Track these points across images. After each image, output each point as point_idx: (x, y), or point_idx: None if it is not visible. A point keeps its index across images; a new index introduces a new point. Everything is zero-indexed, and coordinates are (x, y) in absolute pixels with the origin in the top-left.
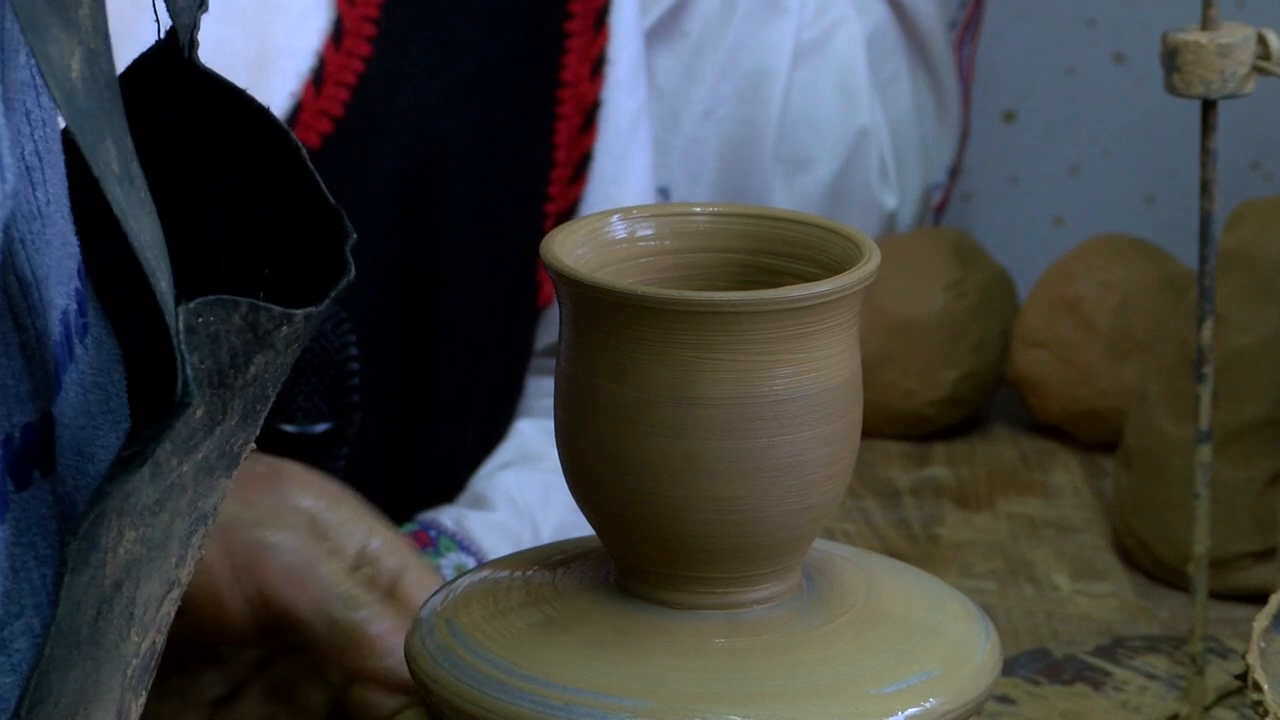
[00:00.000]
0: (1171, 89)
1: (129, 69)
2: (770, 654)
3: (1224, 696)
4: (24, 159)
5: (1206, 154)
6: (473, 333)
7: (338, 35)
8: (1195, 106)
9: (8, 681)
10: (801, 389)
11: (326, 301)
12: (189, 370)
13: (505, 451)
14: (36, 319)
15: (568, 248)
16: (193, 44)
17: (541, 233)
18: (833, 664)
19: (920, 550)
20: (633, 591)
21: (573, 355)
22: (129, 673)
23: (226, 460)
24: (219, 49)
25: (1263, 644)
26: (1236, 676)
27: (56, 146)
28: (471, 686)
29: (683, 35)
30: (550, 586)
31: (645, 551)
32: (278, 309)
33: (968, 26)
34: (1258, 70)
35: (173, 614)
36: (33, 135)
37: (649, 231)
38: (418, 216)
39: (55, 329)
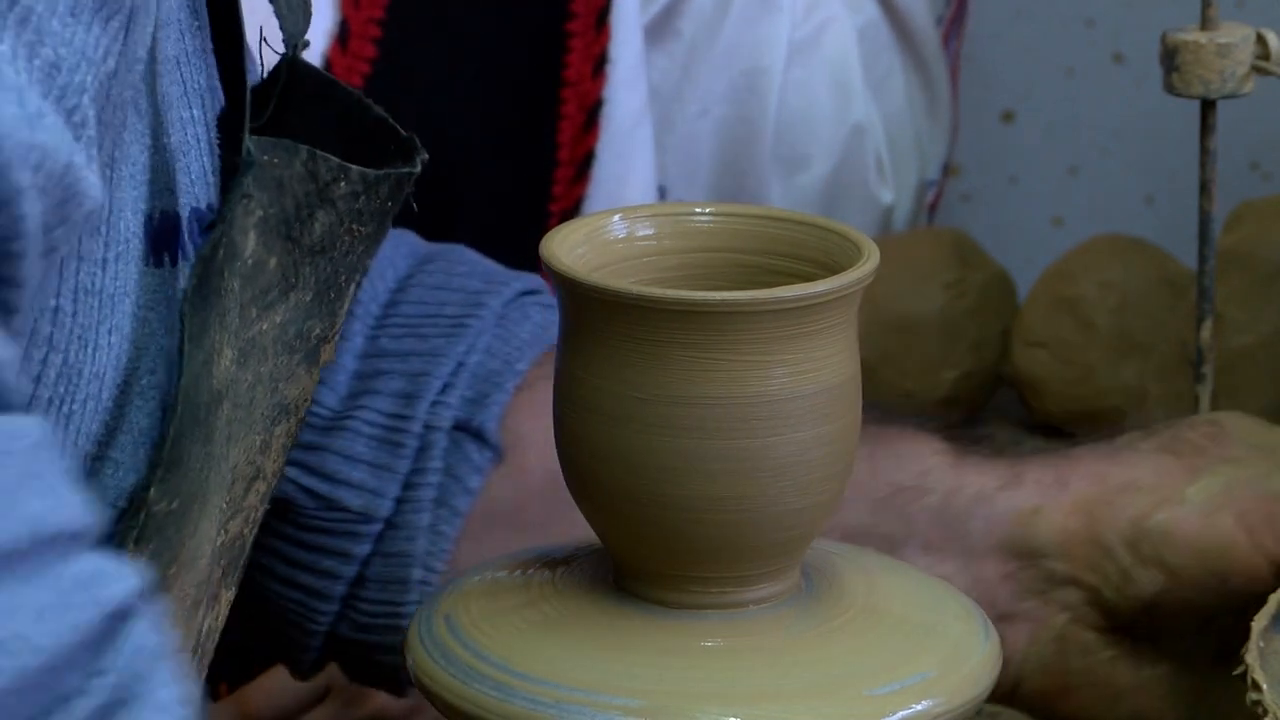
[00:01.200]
0: (1171, 89)
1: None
2: (765, 654)
3: None
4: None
5: (1206, 154)
6: None
7: (344, 37)
8: (1195, 106)
9: (145, 422)
10: (799, 389)
11: (385, 172)
12: (249, 137)
13: None
14: (166, 137)
15: (567, 247)
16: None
17: (546, 232)
18: (828, 665)
19: None
20: (631, 591)
21: (570, 355)
22: (218, 541)
23: (305, 347)
24: None
25: (1261, 643)
26: (1235, 676)
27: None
28: (466, 683)
29: (677, 35)
30: (550, 585)
31: (642, 551)
32: (335, 160)
33: (953, 22)
34: (1257, 70)
35: (261, 511)
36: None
37: (649, 231)
38: (424, 217)
39: (181, 177)
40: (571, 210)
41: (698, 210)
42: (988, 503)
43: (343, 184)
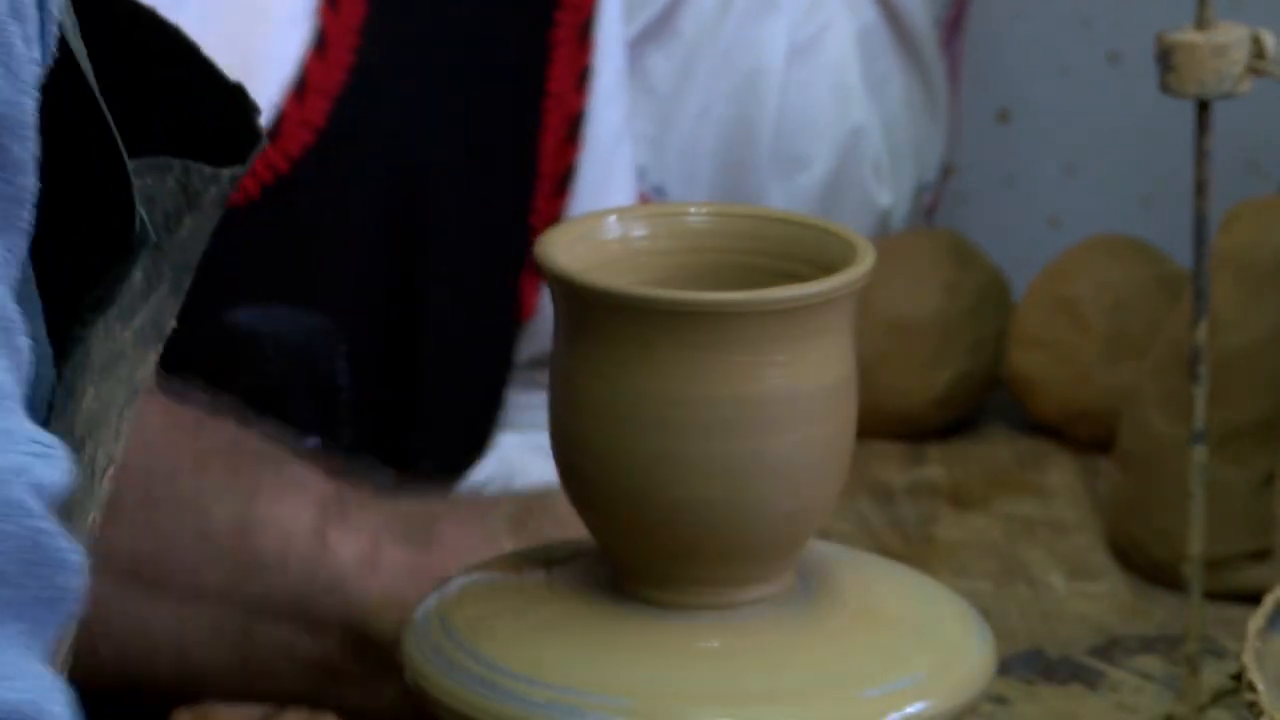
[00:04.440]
0: (1166, 89)
1: None
2: (757, 655)
3: (1219, 697)
4: None
5: (1202, 154)
6: (456, 344)
7: (321, 45)
8: (1191, 106)
9: None
10: (793, 391)
11: (247, 164)
12: (142, 210)
13: (488, 464)
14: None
15: (562, 247)
16: None
17: (525, 245)
18: (820, 666)
19: (915, 551)
20: (626, 591)
21: (565, 356)
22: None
23: (157, 333)
24: None
25: (1258, 644)
26: (1232, 677)
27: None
28: (460, 684)
29: (677, 34)
30: (545, 586)
31: (637, 552)
32: (208, 168)
33: (954, 24)
34: (1253, 70)
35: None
36: None
37: (643, 232)
38: (402, 227)
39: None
40: (551, 225)
41: (693, 210)
42: (340, 591)
43: (213, 189)
